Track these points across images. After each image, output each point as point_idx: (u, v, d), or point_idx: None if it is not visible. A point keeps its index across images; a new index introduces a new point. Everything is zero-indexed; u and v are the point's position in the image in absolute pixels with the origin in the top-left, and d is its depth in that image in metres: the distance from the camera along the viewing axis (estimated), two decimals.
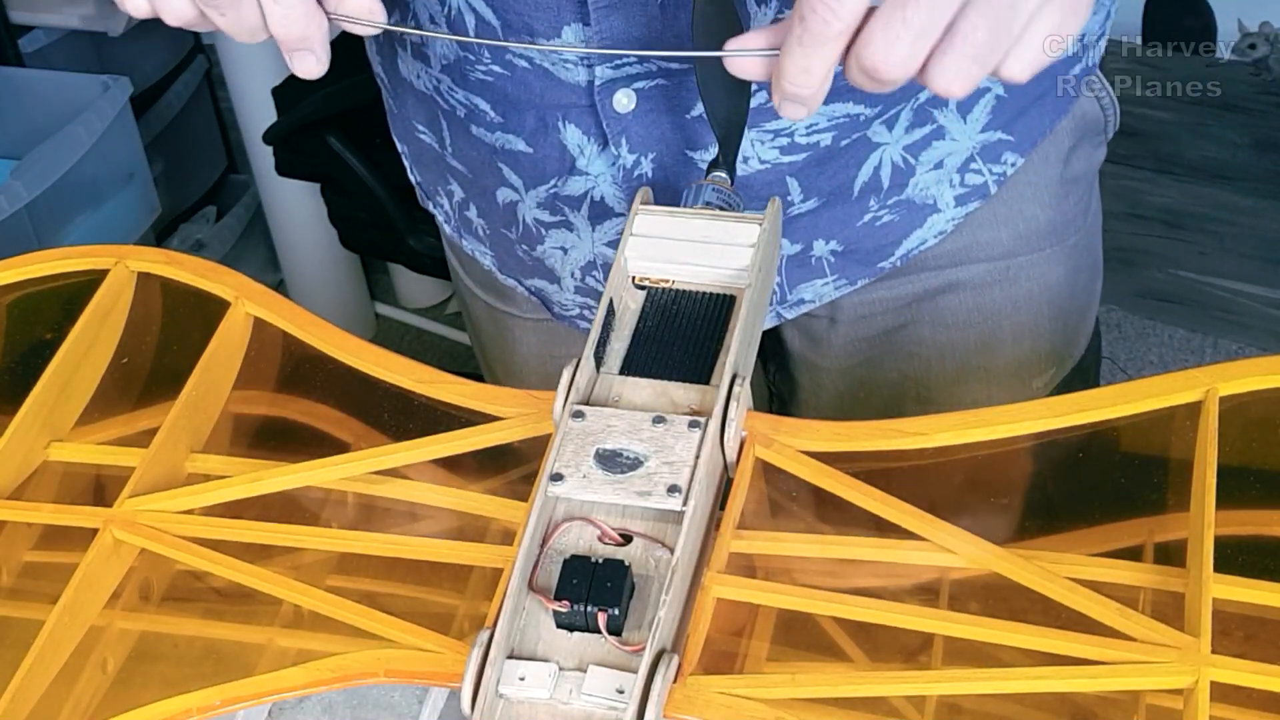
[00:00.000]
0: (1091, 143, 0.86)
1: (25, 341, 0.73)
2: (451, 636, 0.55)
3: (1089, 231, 0.88)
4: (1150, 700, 0.53)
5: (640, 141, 0.74)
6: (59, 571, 0.60)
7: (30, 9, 1.90)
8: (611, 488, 0.54)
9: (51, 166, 1.65)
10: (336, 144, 1.65)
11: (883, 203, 0.79)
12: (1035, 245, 0.84)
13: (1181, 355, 1.95)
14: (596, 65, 0.72)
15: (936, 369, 0.86)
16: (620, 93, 0.73)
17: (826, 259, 0.81)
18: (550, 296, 0.87)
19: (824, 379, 0.90)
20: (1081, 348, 0.90)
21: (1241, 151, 1.90)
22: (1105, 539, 0.59)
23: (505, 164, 0.79)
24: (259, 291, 0.69)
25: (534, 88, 0.74)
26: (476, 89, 0.76)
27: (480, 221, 0.86)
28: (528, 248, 0.83)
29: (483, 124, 0.78)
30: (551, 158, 0.77)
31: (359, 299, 2.14)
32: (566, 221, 0.80)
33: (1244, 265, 1.94)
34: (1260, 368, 0.59)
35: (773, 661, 0.57)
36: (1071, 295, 0.87)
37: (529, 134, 0.76)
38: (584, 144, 0.76)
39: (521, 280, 0.88)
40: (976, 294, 0.84)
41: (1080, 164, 0.85)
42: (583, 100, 0.74)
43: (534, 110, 0.75)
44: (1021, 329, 0.86)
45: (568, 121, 0.75)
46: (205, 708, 0.55)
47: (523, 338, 0.93)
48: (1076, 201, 0.85)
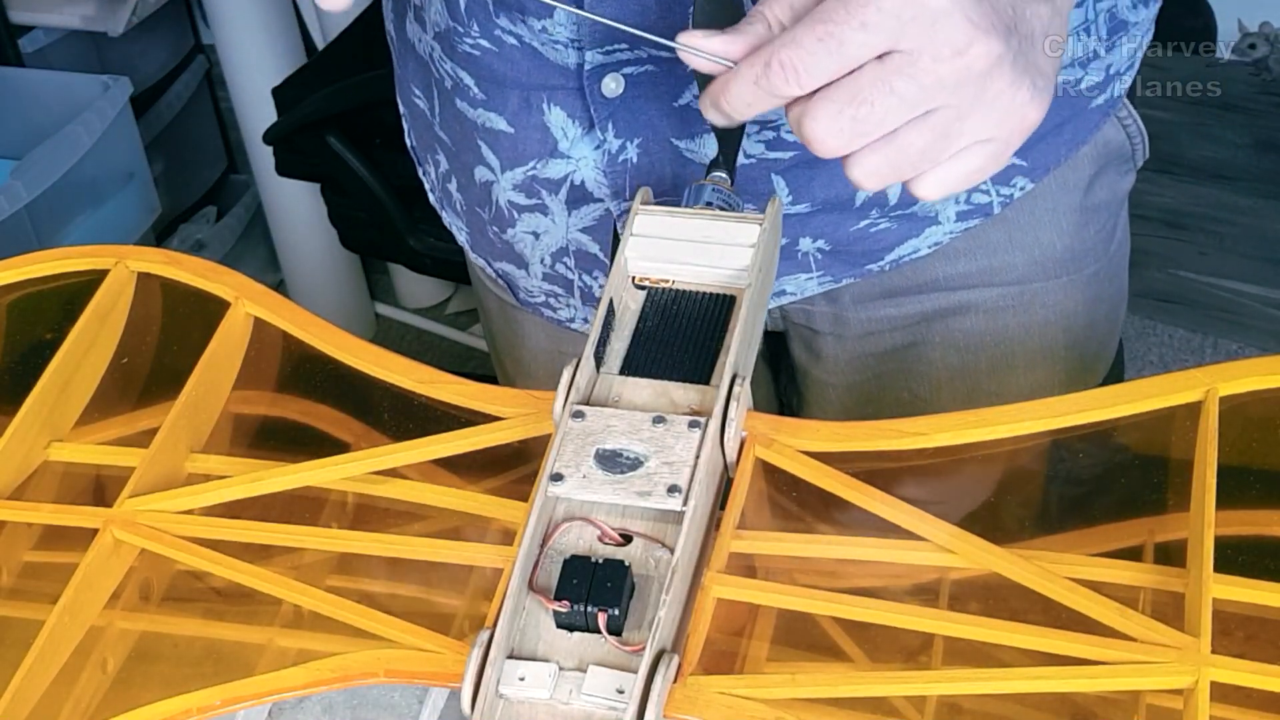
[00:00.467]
0: (1117, 170, 0.84)
1: (25, 341, 0.73)
2: (451, 636, 0.55)
3: (1112, 261, 0.86)
4: (1150, 700, 0.53)
5: (627, 127, 0.74)
6: (59, 571, 0.60)
7: (30, 9, 1.90)
8: (611, 488, 0.54)
9: (51, 166, 1.65)
10: (336, 144, 1.65)
11: (885, 214, 0.78)
12: (1051, 273, 0.83)
13: (1181, 355, 1.95)
14: (587, 49, 0.72)
15: (946, 390, 0.85)
16: (609, 77, 0.72)
17: (813, 255, 0.80)
18: (516, 281, 0.86)
19: (831, 394, 0.89)
20: (1100, 375, 0.89)
21: (1241, 151, 1.90)
22: (1105, 539, 0.59)
23: (484, 142, 0.79)
24: (259, 291, 0.69)
25: (520, 66, 0.74)
26: (463, 62, 0.76)
27: (459, 196, 0.85)
28: (498, 229, 0.83)
29: (466, 99, 0.78)
30: (533, 139, 0.76)
31: (359, 299, 2.14)
32: (542, 205, 0.79)
33: (1244, 265, 1.94)
34: (1260, 368, 0.59)
35: (773, 661, 0.57)
36: (1089, 324, 0.86)
37: (511, 113, 0.76)
38: (568, 127, 0.75)
39: (490, 262, 0.87)
40: (989, 318, 0.83)
41: (1103, 192, 0.83)
42: (570, 83, 0.73)
43: (518, 89, 0.75)
44: (1035, 356, 0.84)
45: (553, 103, 0.75)
46: (205, 708, 0.55)
47: (532, 332, 0.92)
48: (1098, 230, 0.84)
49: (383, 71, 1.61)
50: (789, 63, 0.53)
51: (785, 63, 0.53)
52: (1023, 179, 0.79)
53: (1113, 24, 0.77)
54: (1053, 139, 0.79)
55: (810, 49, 0.52)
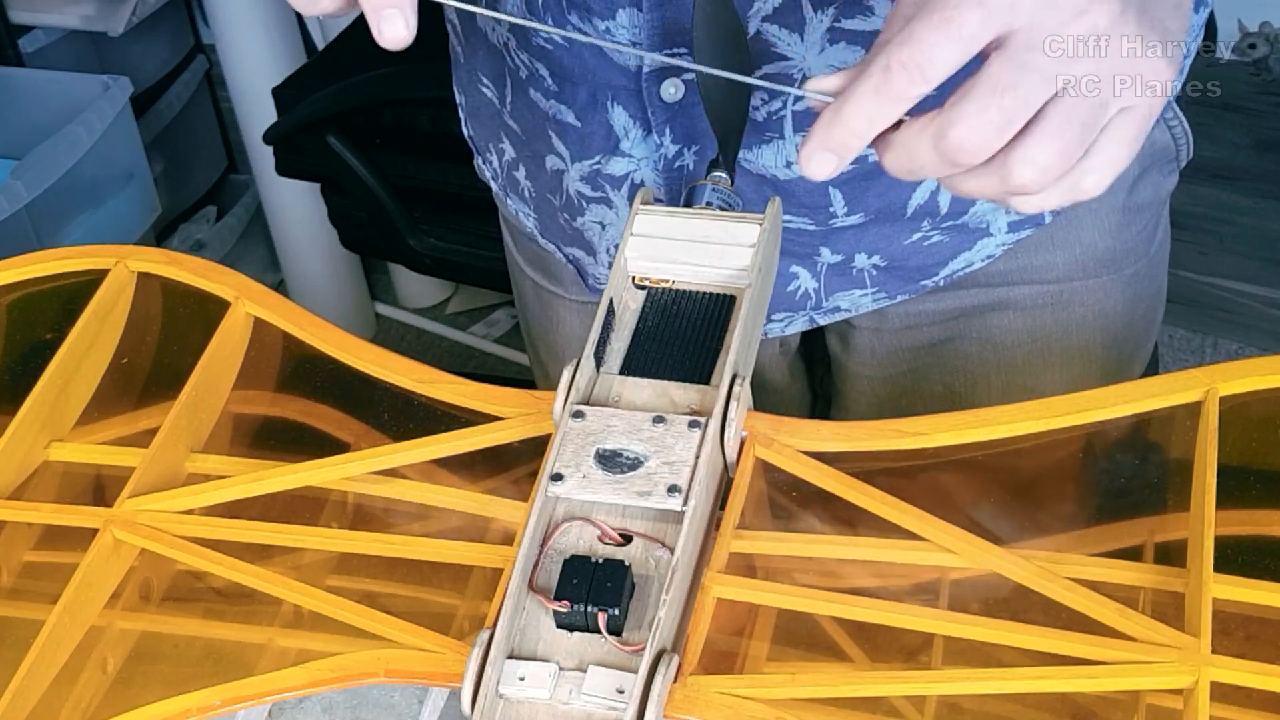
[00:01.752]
0: (1161, 171, 0.84)
1: (25, 341, 0.73)
2: (451, 636, 0.55)
3: (1153, 261, 0.86)
4: (1150, 700, 0.53)
5: (684, 133, 0.74)
6: (59, 571, 0.60)
7: (30, 9, 1.90)
8: (611, 488, 0.54)
9: (51, 166, 1.65)
10: (336, 144, 1.65)
11: (936, 225, 0.78)
12: (1092, 272, 0.82)
13: (1181, 355, 1.95)
14: (648, 51, 0.71)
15: (982, 385, 0.85)
16: (669, 82, 0.72)
17: (868, 271, 0.80)
18: (586, 268, 0.87)
19: (866, 386, 0.89)
20: (1136, 375, 0.88)
21: (1241, 151, 1.90)
22: (1105, 539, 0.59)
23: (555, 133, 0.79)
24: (259, 291, 0.69)
25: (588, 63, 0.74)
26: (537, 54, 0.76)
27: (528, 184, 0.86)
28: (569, 217, 0.83)
29: (540, 89, 0.78)
30: (599, 134, 0.77)
31: (359, 299, 2.14)
32: (606, 199, 0.80)
33: (1244, 265, 1.94)
34: (1260, 368, 0.59)
35: (773, 661, 0.57)
36: (1128, 324, 0.85)
37: (580, 107, 0.76)
38: (629, 127, 0.75)
39: (561, 246, 0.88)
40: (1026, 315, 0.83)
41: (1146, 192, 0.83)
42: (631, 84, 0.73)
43: (586, 85, 0.75)
44: (1071, 353, 0.84)
45: (616, 103, 0.75)
46: (205, 708, 0.55)
47: (567, 317, 0.93)
48: (1140, 230, 0.84)
49: (383, 71, 1.63)
50: (910, 60, 0.49)
51: (906, 61, 0.49)
52: None
53: None
54: None
55: (930, 40, 0.49)
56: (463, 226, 1.66)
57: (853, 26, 0.69)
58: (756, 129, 0.73)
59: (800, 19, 0.69)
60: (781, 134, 0.74)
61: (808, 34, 0.70)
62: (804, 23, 0.69)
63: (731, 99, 0.66)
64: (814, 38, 0.70)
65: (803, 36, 0.70)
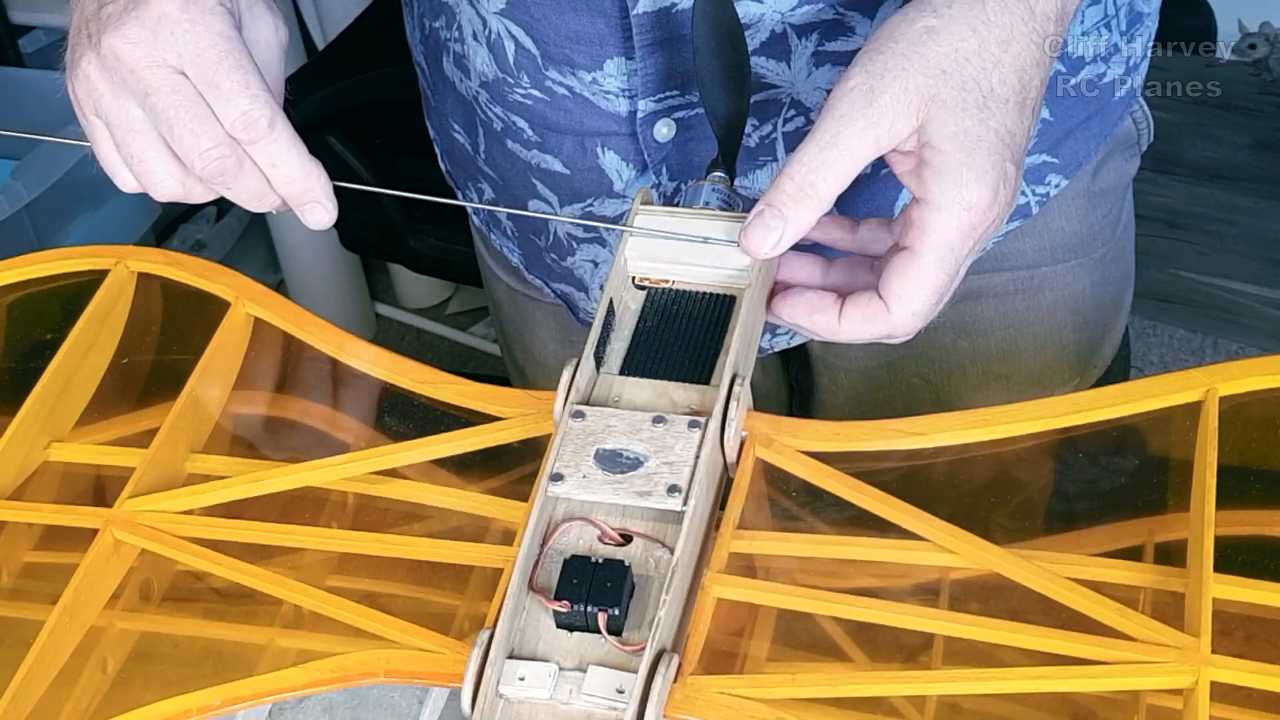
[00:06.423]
0: (1123, 155, 0.85)
1: (25, 341, 0.73)
2: (451, 636, 0.55)
3: (1118, 243, 0.87)
4: (1150, 700, 0.53)
5: (680, 168, 0.75)
6: (59, 571, 0.60)
7: (30, 9, 1.90)
8: (611, 488, 0.54)
9: (51, 166, 1.65)
10: (336, 144, 1.65)
11: None
12: (1060, 257, 0.83)
13: (1181, 355, 1.95)
14: (640, 98, 0.72)
15: (957, 375, 0.86)
16: (661, 123, 0.73)
17: None
18: (576, 303, 0.87)
19: (843, 379, 0.89)
20: (1108, 357, 0.89)
21: (1241, 151, 1.90)
22: (1105, 539, 0.59)
23: (540, 180, 0.79)
24: (259, 291, 0.69)
25: (573, 114, 0.74)
26: (514, 109, 0.76)
27: (510, 224, 0.86)
28: (557, 257, 0.83)
29: (519, 140, 0.78)
30: (589, 180, 0.77)
31: (359, 299, 2.14)
32: (599, 238, 0.80)
33: (1244, 265, 1.94)
34: (1260, 368, 0.59)
35: (773, 661, 0.57)
36: (1097, 306, 0.87)
37: (567, 156, 0.76)
38: (622, 169, 0.76)
39: (548, 283, 0.88)
40: (999, 302, 0.84)
41: (1110, 177, 0.84)
42: (623, 129, 0.74)
43: (572, 135, 0.75)
44: (1043, 338, 0.85)
45: (606, 148, 0.75)
46: (205, 708, 0.55)
47: (543, 320, 0.93)
48: (1105, 214, 0.85)
49: (383, 71, 1.62)
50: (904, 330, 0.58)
51: (901, 329, 0.58)
52: (1056, 176, 0.80)
53: (1131, 17, 0.78)
54: (1081, 134, 0.79)
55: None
56: (463, 226, 1.66)
57: (836, 49, 0.71)
58: (750, 154, 0.74)
59: (786, 48, 0.70)
60: (775, 156, 0.74)
61: (794, 61, 0.71)
62: (790, 51, 0.70)
63: (731, 97, 0.66)
64: (800, 64, 0.71)
65: (790, 64, 0.71)
